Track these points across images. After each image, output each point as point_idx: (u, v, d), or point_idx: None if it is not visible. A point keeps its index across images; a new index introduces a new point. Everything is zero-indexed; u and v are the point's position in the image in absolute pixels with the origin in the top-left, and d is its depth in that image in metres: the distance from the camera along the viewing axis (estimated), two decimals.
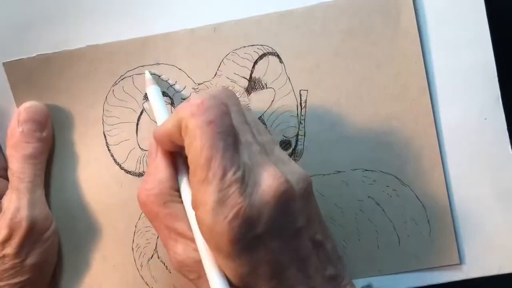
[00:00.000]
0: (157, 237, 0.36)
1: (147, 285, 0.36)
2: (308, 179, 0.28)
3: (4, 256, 0.32)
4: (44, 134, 0.35)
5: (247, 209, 0.25)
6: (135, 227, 0.36)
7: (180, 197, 0.29)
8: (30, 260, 0.33)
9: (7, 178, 0.35)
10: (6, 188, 0.34)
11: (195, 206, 0.26)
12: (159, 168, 0.30)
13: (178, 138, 0.27)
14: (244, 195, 0.25)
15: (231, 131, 0.26)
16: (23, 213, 0.33)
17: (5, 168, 0.35)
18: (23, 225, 0.32)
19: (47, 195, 0.36)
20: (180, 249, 0.28)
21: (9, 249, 0.32)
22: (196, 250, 0.27)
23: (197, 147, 0.25)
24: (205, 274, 0.27)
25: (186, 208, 0.29)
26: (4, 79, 0.35)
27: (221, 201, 0.25)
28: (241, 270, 0.26)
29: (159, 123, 0.32)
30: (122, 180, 0.36)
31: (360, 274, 0.36)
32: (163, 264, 0.36)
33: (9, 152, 0.34)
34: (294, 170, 0.28)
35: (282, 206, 0.26)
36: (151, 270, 0.36)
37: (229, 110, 0.27)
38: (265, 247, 0.26)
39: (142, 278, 0.36)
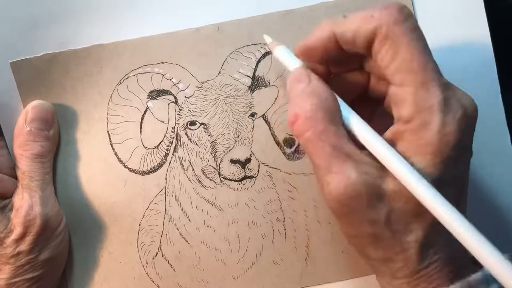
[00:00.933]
0: (161, 236, 0.36)
1: (153, 282, 0.36)
2: None
3: (19, 253, 0.33)
4: (51, 132, 0.35)
5: (467, 114, 0.25)
6: (139, 225, 0.36)
7: (341, 120, 0.27)
8: (44, 255, 0.34)
9: (14, 177, 0.35)
10: (14, 187, 0.35)
11: (415, 111, 0.25)
12: (320, 89, 0.27)
13: (359, 45, 0.27)
14: (459, 101, 0.25)
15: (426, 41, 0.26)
16: (37, 211, 0.33)
17: (13, 167, 0.35)
18: (37, 222, 0.33)
19: None
20: (350, 170, 0.25)
21: (24, 246, 0.33)
22: (367, 173, 0.25)
23: (407, 53, 0.25)
24: (376, 201, 0.25)
25: (361, 129, 0.27)
26: (11, 78, 0.36)
27: (446, 102, 0.25)
28: (445, 177, 0.25)
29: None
30: (126, 178, 0.37)
31: (364, 271, 0.36)
32: (167, 262, 0.36)
33: (17, 151, 0.34)
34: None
35: (474, 124, 0.27)
36: (156, 267, 0.36)
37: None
38: (463, 160, 0.27)
39: (148, 275, 0.36)
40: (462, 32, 0.36)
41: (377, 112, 0.31)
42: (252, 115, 0.36)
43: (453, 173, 0.26)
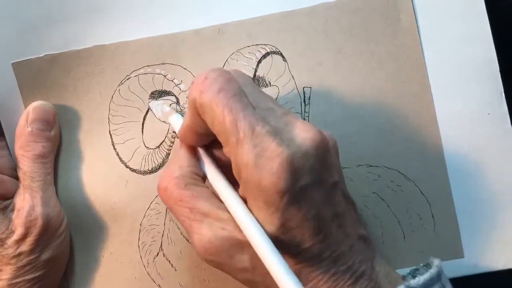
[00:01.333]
0: (162, 235, 0.37)
1: (154, 282, 0.36)
2: (333, 138, 0.29)
3: (20, 254, 0.33)
4: (52, 133, 0.36)
5: (289, 158, 0.25)
6: (140, 225, 0.37)
7: (202, 181, 0.30)
8: (45, 255, 0.34)
9: (15, 177, 0.35)
10: (16, 187, 0.35)
11: (237, 171, 0.26)
12: (181, 158, 0.31)
13: (200, 124, 0.28)
14: (283, 146, 0.25)
15: (243, 93, 0.27)
16: (38, 211, 0.33)
17: (14, 168, 0.35)
18: (39, 223, 0.33)
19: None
20: (206, 229, 0.28)
21: (25, 247, 0.33)
22: (223, 228, 0.27)
23: (218, 116, 0.26)
24: (236, 252, 0.27)
25: (216, 186, 0.29)
26: (12, 79, 0.36)
27: (260, 155, 0.25)
28: (288, 224, 0.26)
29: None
30: (127, 179, 0.37)
31: None
32: (168, 262, 0.37)
33: (19, 152, 0.35)
34: (310, 127, 0.28)
35: (320, 157, 0.26)
36: (157, 267, 0.37)
37: (233, 77, 0.27)
38: (310, 200, 0.26)
39: (149, 275, 0.36)
40: (463, 29, 0.37)
41: None
42: None
43: (297, 217, 0.26)
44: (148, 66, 0.37)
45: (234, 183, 0.29)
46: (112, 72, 0.37)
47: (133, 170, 0.37)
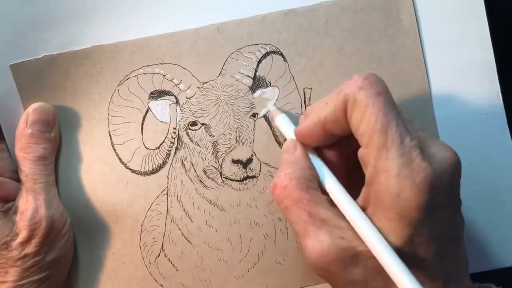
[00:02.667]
0: (163, 236, 0.37)
1: (156, 281, 0.37)
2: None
3: (25, 256, 0.33)
4: (53, 134, 0.36)
5: (433, 174, 0.25)
6: (141, 226, 0.37)
7: (319, 187, 0.29)
8: (50, 256, 0.34)
9: (16, 180, 0.36)
10: (17, 190, 0.35)
11: (375, 175, 0.26)
12: (300, 159, 0.30)
13: (338, 121, 0.28)
14: (427, 161, 0.25)
15: (395, 104, 0.27)
16: (42, 213, 0.34)
17: (15, 170, 0.36)
18: (43, 224, 0.34)
19: None
20: (324, 236, 0.27)
21: (30, 249, 0.33)
22: (342, 238, 0.27)
23: (371, 115, 0.26)
24: (351, 264, 0.26)
25: (335, 192, 0.29)
26: (11, 81, 0.37)
27: (405, 165, 0.25)
28: (415, 239, 0.26)
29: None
30: (127, 179, 0.37)
31: None
32: (170, 263, 0.37)
33: (19, 154, 0.35)
34: (447, 146, 0.28)
35: (455, 178, 0.27)
36: (159, 267, 0.37)
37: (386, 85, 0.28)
38: (440, 219, 0.26)
39: (151, 275, 0.37)
40: (462, 30, 0.37)
41: None
42: (254, 115, 0.37)
43: (426, 234, 0.26)
44: (147, 66, 0.37)
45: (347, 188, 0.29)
46: (111, 72, 0.37)
47: (133, 171, 0.37)
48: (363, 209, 0.27)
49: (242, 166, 0.37)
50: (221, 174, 0.37)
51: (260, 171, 0.37)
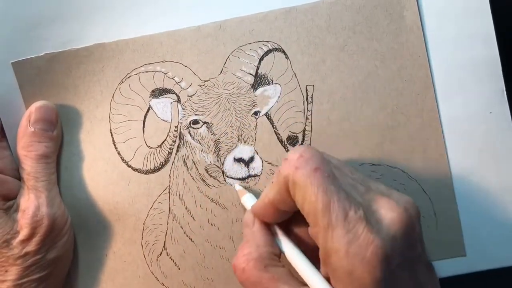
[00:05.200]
0: (165, 234, 0.38)
1: (158, 280, 0.38)
2: (415, 204, 0.28)
3: (26, 254, 0.34)
4: (55, 133, 0.37)
5: (382, 244, 0.25)
6: (143, 224, 0.38)
7: (279, 261, 0.30)
8: (50, 255, 0.35)
9: (17, 178, 0.36)
10: (18, 188, 0.36)
11: (326, 256, 0.27)
12: (257, 235, 0.31)
13: (285, 200, 0.29)
14: (374, 232, 0.25)
15: (335, 175, 0.27)
16: (44, 211, 0.35)
17: (16, 168, 0.36)
18: (45, 223, 0.34)
19: None
20: None
21: (31, 247, 0.34)
22: None
23: (311, 195, 0.27)
24: None
25: (297, 265, 0.29)
26: (12, 79, 0.37)
27: (352, 242, 0.25)
28: None
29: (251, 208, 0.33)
30: (129, 178, 0.38)
31: None
32: (172, 261, 0.38)
33: (21, 152, 0.36)
34: (400, 198, 0.28)
35: (407, 236, 0.26)
36: (161, 266, 0.38)
37: (325, 156, 0.28)
38: (398, 280, 0.26)
39: (153, 273, 0.38)
40: (466, 27, 0.37)
41: None
42: (255, 113, 0.38)
43: None
44: (148, 64, 0.38)
45: (311, 259, 0.29)
46: (112, 70, 0.38)
47: (135, 170, 0.38)
48: (327, 279, 0.28)
49: (244, 164, 0.37)
50: (223, 172, 0.37)
51: (262, 169, 0.37)
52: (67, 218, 0.37)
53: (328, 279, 0.28)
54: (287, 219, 0.32)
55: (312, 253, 0.29)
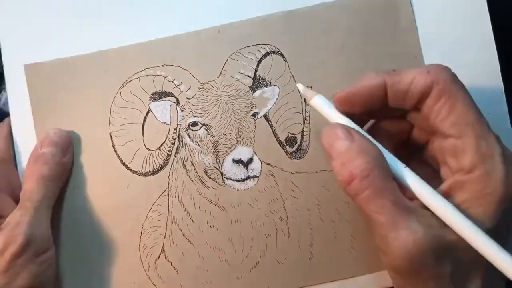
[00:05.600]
0: (164, 237, 0.38)
1: (155, 285, 0.37)
2: None
3: None
4: (64, 159, 0.37)
5: None
6: (142, 227, 0.38)
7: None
8: (19, 281, 0.33)
9: (18, 197, 0.36)
10: (12, 207, 0.36)
11: (480, 160, 0.27)
12: (368, 146, 0.28)
13: (411, 96, 0.29)
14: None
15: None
16: (22, 229, 0.33)
17: (18, 188, 0.37)
18: (18, 240, 0.33)
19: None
20: (416, 225, 0.26)
21: None
22: (430, 226, 0.26)
23: (464, 107, 0.28)
24: (441, 255, 0.26)
25: (414, 181, 0.28)
26: (22, 80, 0.39)
27: (505, 153, 0.27)
28: (503, 225, 0.27)
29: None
30: (128, 180, 0.38)
31: (368, 269, 0.37)
32: (170, 264, 0.37)
33: (26, 172, 0.36)
34: None
35: None
36: (159, 270, 0.37)
37: None
38: None
39: (149, 279, 0.37)
40: (464, 29, 0.38)
41: (414, 161, 0.32)
42: (254, 115, 0.38)
43: (506, 220, 0.27)
44: (149, 68, 0.38)
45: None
46: (114, 75, 0.39)
47: (134, 172, 0.38)
48: (447, 197, 0.27)
49: (243, 166, 0.37)
50: (222, 174, 0.37)
51: (261, 171, 0.38)
52: (49, 248, 0.35)
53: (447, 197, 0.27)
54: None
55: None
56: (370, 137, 0.30)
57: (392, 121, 0.32)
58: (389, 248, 0.27)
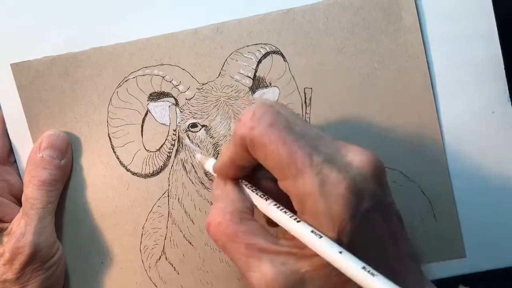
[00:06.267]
0: (165, 239, 0.38)
1: (156, 286, 0.38)
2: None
3: (5, 281, 0.34)
4: (63, 162, 0.37)
5: (352, 182, 0.26)
6: (143, 228, 0.38)
7: (252, 216, 0.30)
8: (31, 287, 0.34)
9: (20, 202, 0.36)
10: (15, 212, 0.36)
11: (301, 203, 0.27)
12: (230, 193, 0.31)
13: (245, 157, 0.29)
14: (343, 171, 0.26)
15: (291, 125, 0.27)
16: (28, 239, 0.34)
17: (20, 193, 0.37)
18: (26, 251, 0.34)
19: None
20: (267, 266, 0.27)
21: (10, 274, 0.34)
22: (284, 264, 0.27)
23: (272, 151, 0.27)
24: (300, 285, 0.26)
25: (270, 212, 0.29)
26: (10, 80, 0.38)
27: (323, 182, 0.26)
28: (355, 247, 0.26)
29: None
30: (128, 182, 0.38)
31: None
32: (171, 266, 0.38)
33: (26, 178, 0.36)
34: (364, 149, 0.28)
35: (377, 178, 0.27)
36: (159, 271, 0.38)
37: (279, 109, 0.28)
38: (372, 222, 0.26)
39: (151, 279, 0.38)
40: (468, 26, 0.38)
41: None
42: None
43: (364, 240, 0.26)
44: (146, 67, 0.38)
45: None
46: (109, 74, 0.38)
47: (134, 174, 0.38)
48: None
49: None
50: None
51: None
52: (57, 251, 0.36)
53: None
54: (252, 175, 0.32)
55: (284, 205, 0.29)
56: (243, 182, 0.31)
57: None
58: None
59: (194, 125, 0.38)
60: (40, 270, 0.35)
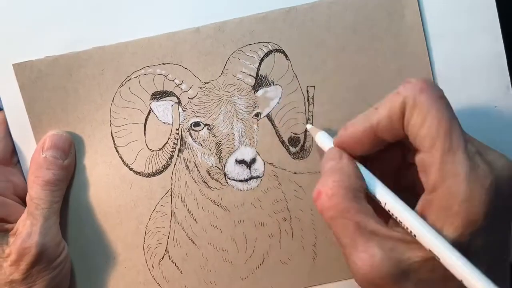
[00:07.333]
0: (168, 238, 0.38)
1: (159, 285, 0.38)
2: None
3: (12, 281, 0.34)
4: (66, 162, 0.37)
5: (496, 181, 0.26)
6: (146, 227, 0.38)
7: (364, 196, 0.29)
8: (38, 287, 0.35)
9: (25, 202, 0.37)
10: (19, 212, 0.36)
11: (440, 180, 0.26)
12: (347, 167, 0.29)
13: (392, 125, 0.28)
14: (490, 167, 0.26)
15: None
16: (34, 240, 0.34)
17: (25, 194, 0.37)
18: (32, 251, 0.34)
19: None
20: (375, 249, 0.26)
21: (17, 275, 0.34)
22: (392, 249, 0.26)
23: (434, 119, 0.26)
24: (402, 278, 0.26)
25: (388, 199, 0.28)
26: (13, 80, 0.38)
27: (473, 169, 0.26)
28: (474, 248, 0.26)
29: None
30: (131, 181, 0.38)
31: None
32: (174, 265, 0.38)
33: (30, 178, 0.36)
34: (502, 154, 0.28)
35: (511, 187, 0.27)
36: (163, 270, 0.38)
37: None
38: (497, 226, 0.26)
39: (154, 278, 0.38)
40: (470, 22, 0.38)
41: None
42: (257, 115, 0.38)
43: (487, 240, 0.26)
44: (148, 66, 0.38)
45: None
46: (112, 73, 0.38)
47: (137, 173, 0.38)
48: (422, 216, 0.27)
49: (246, 166, 0.38)
50: (225, 174, 0.38)
51: (264, 171, 0.38)
52: (62, 250, 0.36)
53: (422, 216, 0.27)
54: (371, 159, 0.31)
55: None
56: (359, 164, 0.30)
57: (391, 149, 0.32)
58: (350, 268, 0.28)
59: (196, 124, 0.38)
60: (46, 270, 0.35)
